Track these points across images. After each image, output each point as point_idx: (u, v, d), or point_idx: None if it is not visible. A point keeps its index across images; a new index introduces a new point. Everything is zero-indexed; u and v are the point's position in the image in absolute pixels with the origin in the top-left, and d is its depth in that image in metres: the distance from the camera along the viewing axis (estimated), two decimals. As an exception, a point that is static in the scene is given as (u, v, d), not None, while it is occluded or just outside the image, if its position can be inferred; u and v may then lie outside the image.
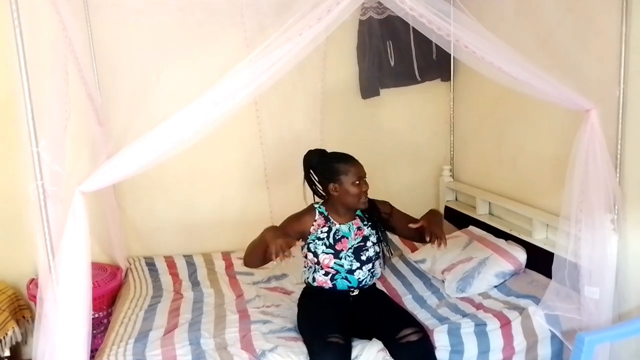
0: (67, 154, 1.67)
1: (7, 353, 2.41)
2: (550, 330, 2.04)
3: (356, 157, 2.12)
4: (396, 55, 3.07)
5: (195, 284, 2.61)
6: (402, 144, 3.27)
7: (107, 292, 2.54)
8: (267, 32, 1.99)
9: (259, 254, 1.96)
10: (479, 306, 2.19)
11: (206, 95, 1.52)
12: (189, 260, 2.84)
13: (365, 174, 2.07)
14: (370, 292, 2.15)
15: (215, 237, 3.03)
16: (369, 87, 3.10)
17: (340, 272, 2.07)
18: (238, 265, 2.79)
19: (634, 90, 1.95)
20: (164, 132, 1.51)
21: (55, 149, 1.51)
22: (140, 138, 1.50)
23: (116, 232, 2.73)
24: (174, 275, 2.70)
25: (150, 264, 2.78)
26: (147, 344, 1.94)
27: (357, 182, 2.02)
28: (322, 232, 2.09)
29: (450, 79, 3.18)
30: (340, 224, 2.11)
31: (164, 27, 2.64)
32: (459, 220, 3.03)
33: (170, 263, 2.80)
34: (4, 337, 2.39)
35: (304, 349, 1.88)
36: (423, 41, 3.01)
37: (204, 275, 2.70)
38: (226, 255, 2.90)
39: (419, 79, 3.14)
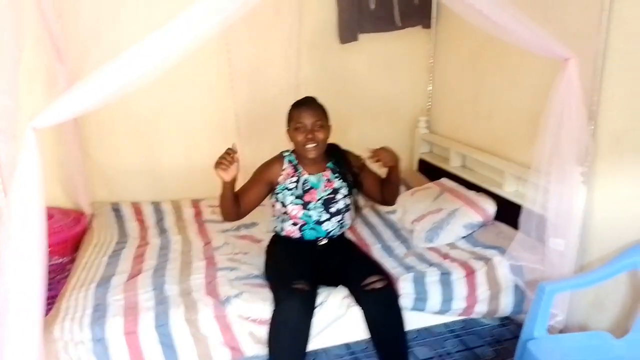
0: (22, 90, 1.55)
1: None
2: (513, 280, 2.07)
3: (329, 105, 2.04)
4: (377, -1, 2.95)
5: (162, 230, 2.57)
6: (379, 93, 3.20)
7: (71, 238, 2.47)
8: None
9: (227, 199, 1.90)
10: (445, 256, 2.21)
11: (169, 24, 1.42)
12: (157, 207, 2.78)
13: (312, 120, 1.94)
14: (338, 242, 2.13)
15: (184, 184, 2.97)
16: (348, 32, 2.99)
17: (308, 223, 2.04)
18: (207, 212, 2.75)
19: (616, 42, 1.89)
20: (125, 63, 1.40)
21: (7, 83, 1.40)
22: (99, 69, 1.39)
23: (80, 176, 2.64)
24: (140, 221, 2.64)
25: (116, 210, 2.71)
26: (109, 289, 1.91)
27: (298, 127, 1.95)
28: (290, 182, 2.03)
29: (431, 26, 3.08)
30: (309, 174, 2.06)
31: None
32: (433, 172, 3.02)
33: (137, 209, 2.74)
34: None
35: (270, 295, 1.87)
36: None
37: (172, 222, 2.65)
38: (195, 203, 2.84)
39: (399, 24, 3.04)
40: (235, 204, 1.94)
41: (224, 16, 1.48)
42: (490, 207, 2.42)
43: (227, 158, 1.80)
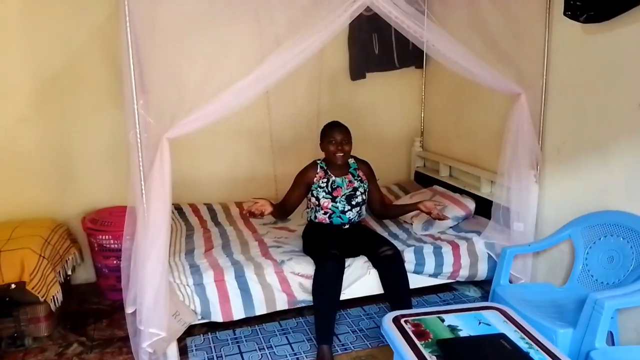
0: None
1: (69, 272, 3.04)
2: (487, 252, 2.81)
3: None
4: (380, 46, 3.77)
5: (217, 223, 3.28)
6: (382, 119, 4.00)
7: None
8: (277, 23, 2.63)
9: (274, 215, 2.75)
10: (437, 238, 2.94)
11: (254, 72, 2.18)
12: (209, 207, 3.51)
13: (341, 137, 2.69)
14: (357, 226, 2.87)
15: (228, 190, 3.70)
16: (357, 71, 3.80)
17: (335, 212, 2.78)
18: (249, 211, 3.48)
19: (553, 81, 2.69)
20: (227, 98, 2.16)
21: (147, 105, 2.12)
22: (209, 102, 2.15)
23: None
24: (199, 217, 3.36)
25: (178, 209, 3.43)
26: (195, 257, 2.63)
27: (331, 141, 2.70)
28: (322, 182, 2.78)
29: (423, 67, 3.91)
30: (336, 177, 2.81)
31: (191, 16, 3.22)
32: (426, 181, 3.79)
33: (194, 208, 3.47)
34: (69, 258, 3.03)
35: (311, 260, 2.59)
36: (402, 35, 3.70)
37: (223, 217, 3.38)
38: (239, 204, 3.57)
39: (398, 65, 3.86)
40: (280, 212, 2.76)
41: (289, 67, 2.25)
42: (471, 204, 3.18)
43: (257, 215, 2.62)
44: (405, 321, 1.97)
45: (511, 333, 1.89)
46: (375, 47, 3.78)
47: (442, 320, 1.98)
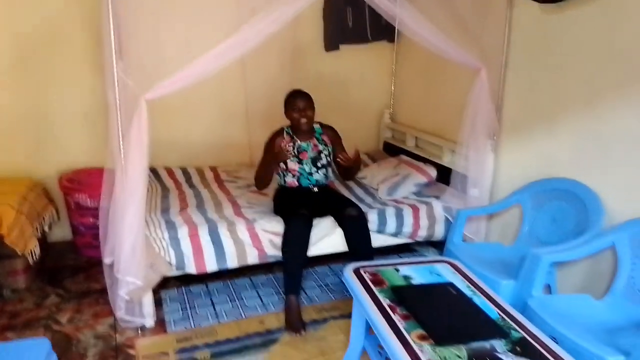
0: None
1: (46, 228, 3.14)
2: (445, 215, 3.03)
3: (316, 98, 2.91)
4: (354, 19, 3.90)
5: (192, 186, 3.40)
6: (354, 90, 4.15)
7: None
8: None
9: (268, 170, 2.82)
10: (400, 202, 3.14)
11: (231, 39, 2.28)
12: (184, 170, 3.62)
13: (303, 104, 2.83)
14: (325, 189, 3.04)
15: (203, 155, 3.82)
16: (331, 43, 3.92)
17: (303, 174, 2.94)
18: (224, 175, 3.61)
19: (512, 58, 2.87)
20: (204, 62, 2.27)
21: (127, 69, 2.22)
22: (189, 65, 2.25)
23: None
24: (175, 180, 3.48)
25: (154, 171, 3.53)
26: (170, 214, 2.76)
27: (294, 108, 2.85)
28: (289, 146, 2.92)
29: (394, 41, 4.05)
30: (301, 141, 2.96)
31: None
32: (394, 151, 3.98)
33: (170, 172, 3.58)
34: (46, 216, 3.13)
35: (282, 220, 2.75)
36: (375, 10, 3.84)
37: (198, 180, 3.50)
38: (213, 168, 3.70)
39: (370, 39, 3.99)
40: (258, 181, 2.89)
41: (264, 35, 2.37)
42: (433, 172, 3.38)
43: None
44: (365, 271, 2.16)
45: (459, 282, 2.10)
46: (350, 20, 3.90)
47: (398, 271, 2.18)
